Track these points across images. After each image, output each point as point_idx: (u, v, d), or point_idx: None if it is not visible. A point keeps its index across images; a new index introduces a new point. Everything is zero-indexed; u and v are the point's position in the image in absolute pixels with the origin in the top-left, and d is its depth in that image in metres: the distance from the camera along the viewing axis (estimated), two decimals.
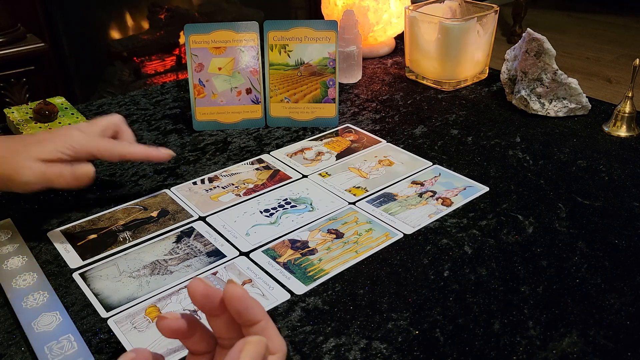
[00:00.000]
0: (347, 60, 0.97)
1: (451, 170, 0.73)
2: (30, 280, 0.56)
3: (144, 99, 0.96)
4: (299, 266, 0.57)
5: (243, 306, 0.34)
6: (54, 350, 0.48)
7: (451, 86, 0.97)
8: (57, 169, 0.58)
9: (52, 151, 0.58)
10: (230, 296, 0.34)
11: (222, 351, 0.37)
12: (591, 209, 0.65)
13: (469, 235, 0.61)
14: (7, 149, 0.58)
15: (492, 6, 0.97)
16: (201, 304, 0.35)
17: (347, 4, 1.05)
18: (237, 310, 0.34)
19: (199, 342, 0.37)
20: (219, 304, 0.35)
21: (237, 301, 0.34)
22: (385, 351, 0.48)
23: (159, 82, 2.08)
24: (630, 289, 0.53)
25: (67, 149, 0.59)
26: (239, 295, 0.34)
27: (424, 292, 0.54)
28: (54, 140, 0.59)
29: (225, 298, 0.34)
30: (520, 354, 0.47)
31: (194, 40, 0.81)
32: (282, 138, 0.82)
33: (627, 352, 0.47)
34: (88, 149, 0.60)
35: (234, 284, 0.34)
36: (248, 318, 0.34)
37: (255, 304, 0.34)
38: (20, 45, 1.50)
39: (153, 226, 0.64)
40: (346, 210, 0.66)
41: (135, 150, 0.64)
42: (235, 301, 0.34)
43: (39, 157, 0.57)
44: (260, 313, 0.35)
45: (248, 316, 0.34)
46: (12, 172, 0.57)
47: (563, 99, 0.85)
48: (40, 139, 0.59)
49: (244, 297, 0.34)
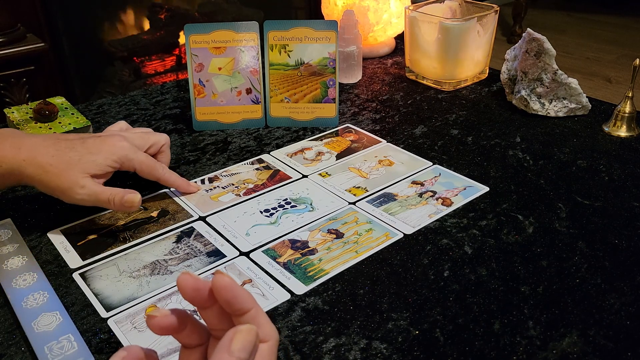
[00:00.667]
0: (347, 60, 0.97)
1: (451, 170, 0.73)
2: (30, 280, 0.56)
3: (144, 99, 0.96)
4: (299, 266, 0.57)
5: (231, 295, 0.34)
6: (54, 350, 0.48)
7: (451, 86, 0.97)
8: (107, 194, 0.61)
9: (102, 165, 0.61)
10: (219, 286, 0.34)
11: (215, 342, 0.37)
12: (591, 209, 0.65)
13: (469, 235, 0.61)
14: (60, 159, 0.60)
15: (492, 6, 0.97)
16: (191, 297, 0.35)
17: (347, 4, 1.05)
18: (226, 300, 0.34)
19: (190, 335, 0.37)
20: (208, 295, 0.35)
21: (226, 290, 0.34)
22: (385, 351, 0.48)
23: (159, 82, 2.08)
24: (630, 289, 0.53)
25: (115, 162, 0.62)
26: (226, 284, 0.34)
27: (424, 292, 0.54)
28: (103, 150, 0.62)
29: (214, 288, 0.34)
30: (520, 354, 0.47)
31: (194, 40, 0.81)
32: (282, 138, 0.82)
33: (627, 352, 0.47)
34: (133, 164, 0.64)
35: (222, 274, 0.34)
36: (237, 307, 0.34)
37: (243, 293, 0.35)
38: (20, 45, 1.50)
39: (153, 226, 0.64)
40: (346, 210, 0.66)
41: (171, 178, 0.68)
42: (223, 291, 0.34)
43: (90, 172, 0.60)
44: (250, 301, 0.35)
45: (237, 305, 0.34)
46: (66, 188, 0.60)
47: (563, 99, 0.85)
48: (91, 149, 0.61)
49: (232, 286, 0.34)
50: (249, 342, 0.33)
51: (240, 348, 0.33)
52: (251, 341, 0.33)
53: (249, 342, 0.33)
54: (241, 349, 0.33)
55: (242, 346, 0.33)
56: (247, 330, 0.33)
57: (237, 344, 0.33)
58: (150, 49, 2.07)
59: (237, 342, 0.33)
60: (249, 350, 0.33)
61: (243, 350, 0.33)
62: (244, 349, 0.33)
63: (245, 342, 0.33)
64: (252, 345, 0.33)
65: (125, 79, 2.03)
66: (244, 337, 0.33)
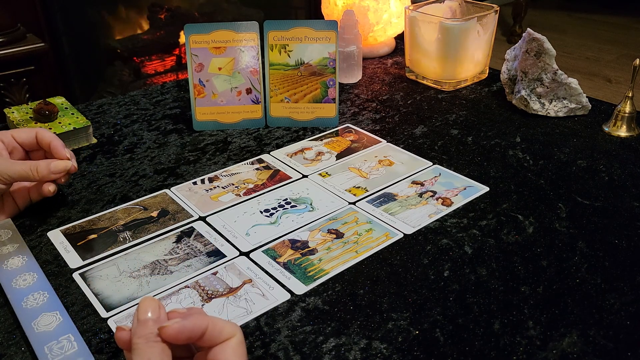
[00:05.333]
0: (347, 60, 0.97)
1: (451, 170, 0.73)
2: (30, 280, 0.56)
3: (144, 99, 0.96)
4: (299, 266, 0.57)
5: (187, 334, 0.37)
6: (54, 350, 0.48)
7: (451, 86, 0.97)
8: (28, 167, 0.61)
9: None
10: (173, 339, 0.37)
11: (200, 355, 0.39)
12: (591, 209, 0.65)
13: (469, 235, 0.61)
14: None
15: (492, 6, 0.97)
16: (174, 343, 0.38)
17: (347, 4, 1.05)
18: (186, 339, 0.37)
19: (179, 348, 0.39)
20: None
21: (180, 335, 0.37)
22: (385, 351, 0.48)
23: (159, 82, 2.08)
24: (630, 289, 0.53)
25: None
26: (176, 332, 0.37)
27: (424, 292, 0.54)
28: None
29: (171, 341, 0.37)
30: (520, 354, 0.47)
31: (194, 40, 0.81)
32: (282, 138, 0.82)
33: (627, 352, 0.47)
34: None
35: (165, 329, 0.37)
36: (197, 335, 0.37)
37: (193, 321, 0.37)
38: (20, 45, 1.50)
39: (153, 226, 0.64)
40: (346, 210, 0.66)
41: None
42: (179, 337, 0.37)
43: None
44: (202, 322, 0.37)
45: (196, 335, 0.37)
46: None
47: (563, 99, 0.85)
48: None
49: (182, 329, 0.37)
50: (147, 307, 0.38)
51: (143, 312, 0.38)
52: (148, 306, 0.38)
53: (147, 306, 0.38)
54: (143, 312, 0.38)
55: (144, 310, 0.38)
56: (142, 300, 0.38)
57: (139, 313, 0.38)
58: (150, 49, 2.07)
59: (138, 311, 0.38)
60: (150, 311, 0.38)
61: (144, 312, 0.38)
62: (145, 311, 0.38)
63: (144, 309, 0.38)
64: (150, 307, 0.38)
65: (125, 79, 2.03)
66: (143, 306, 0.38)
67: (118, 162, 0.77)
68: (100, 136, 0.84)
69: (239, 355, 0.38)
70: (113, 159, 0.78)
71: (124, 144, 0.81)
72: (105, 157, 0.78)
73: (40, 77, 1.55)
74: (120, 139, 0.83)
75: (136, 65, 2.06)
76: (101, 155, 0.79)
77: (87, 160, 0.78)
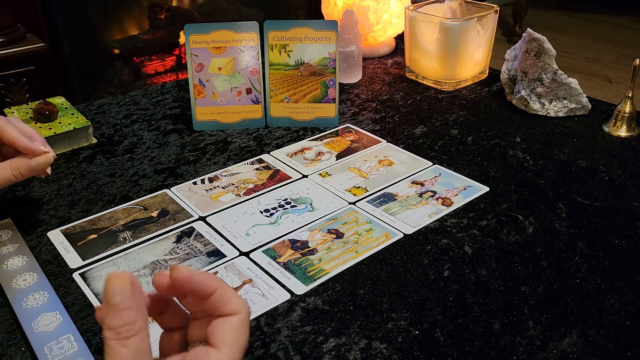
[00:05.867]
0: (347, 60, 0.97)
1: (451, 170, 0.73)
2: (30, 280, 0.56)
3: (144, 99, 0.96)
4: (299, 266, 0.57)
5: (193, 284, 0.36)
6: (54, 350, 0.48)
7: (451, 86, 0.97)
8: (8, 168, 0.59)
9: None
10: (178, 281, 0.36)
11: (195, 323, 0.38)
12: (591, 209, 0.65)
13: (469, 235, 0.61)
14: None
15: (492, 6, 0.97)
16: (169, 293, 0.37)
17: (347, 4, 1.05)
18: (189, 290, 0.36)
19: (172, 318, 0.39)
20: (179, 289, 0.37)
21: (185, 282, 0.36)
22: (385, 351, 0.48)
23: (159, 82, 2.08)
24: (630, 289, 0.53)
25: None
26: (183, 277, 0.36)
27: (424, 292, 0.54)
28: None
29: (174, 284, 0.36)
30: (520, 354, 0.47)
31: (194, 40, 0.81)
32: (282, 138, 0.82)
33: (627, 352, 0.47)
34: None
35: (177, 269, 0.36)
36: (202, 293, 0.36)
37: (204, 277, 0.36)
38: (20, 45, 1.50)
39: (153, 226, 0.64)
40: (346, 210, 0.66)
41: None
42: (185, 283, 0.36)
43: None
44: (213, 283, 0.37)
45: (201, 291, 0.36)
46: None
47: (563, 99, 0.85)
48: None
49: (190, 277, 0.36)
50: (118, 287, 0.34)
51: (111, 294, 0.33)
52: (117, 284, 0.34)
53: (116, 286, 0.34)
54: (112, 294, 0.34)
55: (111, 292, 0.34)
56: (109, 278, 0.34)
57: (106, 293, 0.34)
58: (150, 49, 2.07)
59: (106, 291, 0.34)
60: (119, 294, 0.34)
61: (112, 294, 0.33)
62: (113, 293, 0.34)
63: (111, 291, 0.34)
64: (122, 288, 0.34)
65: (125, 79, 2.03)
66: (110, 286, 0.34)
67: (118, 162, 0.77)
68: (100, 136, 0.84)
69: (237, 337, 0.36)
70: (113, 159, 0.78)
71: (124, 144, 0.81)
72: (105, 157, 0.78)
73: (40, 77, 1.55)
74: (120, 139, 0.83)
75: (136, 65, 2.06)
76: (101, 155, 0.79)
77: (87, 160, 0.78)
